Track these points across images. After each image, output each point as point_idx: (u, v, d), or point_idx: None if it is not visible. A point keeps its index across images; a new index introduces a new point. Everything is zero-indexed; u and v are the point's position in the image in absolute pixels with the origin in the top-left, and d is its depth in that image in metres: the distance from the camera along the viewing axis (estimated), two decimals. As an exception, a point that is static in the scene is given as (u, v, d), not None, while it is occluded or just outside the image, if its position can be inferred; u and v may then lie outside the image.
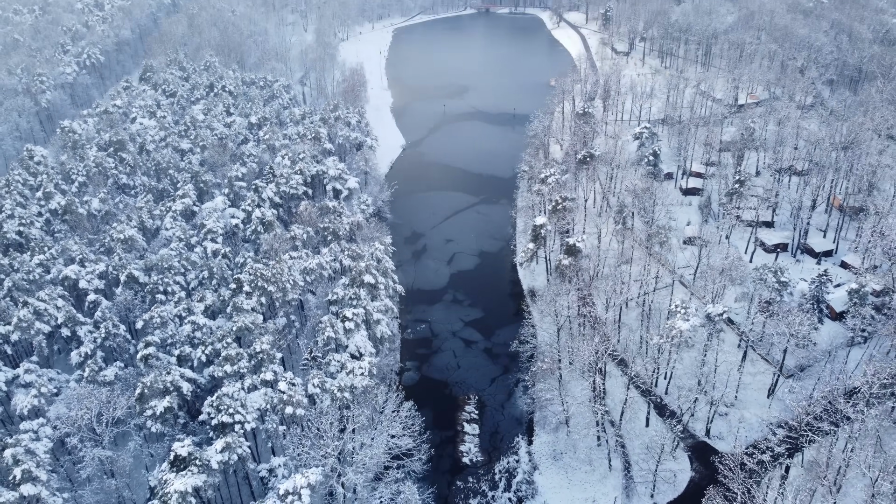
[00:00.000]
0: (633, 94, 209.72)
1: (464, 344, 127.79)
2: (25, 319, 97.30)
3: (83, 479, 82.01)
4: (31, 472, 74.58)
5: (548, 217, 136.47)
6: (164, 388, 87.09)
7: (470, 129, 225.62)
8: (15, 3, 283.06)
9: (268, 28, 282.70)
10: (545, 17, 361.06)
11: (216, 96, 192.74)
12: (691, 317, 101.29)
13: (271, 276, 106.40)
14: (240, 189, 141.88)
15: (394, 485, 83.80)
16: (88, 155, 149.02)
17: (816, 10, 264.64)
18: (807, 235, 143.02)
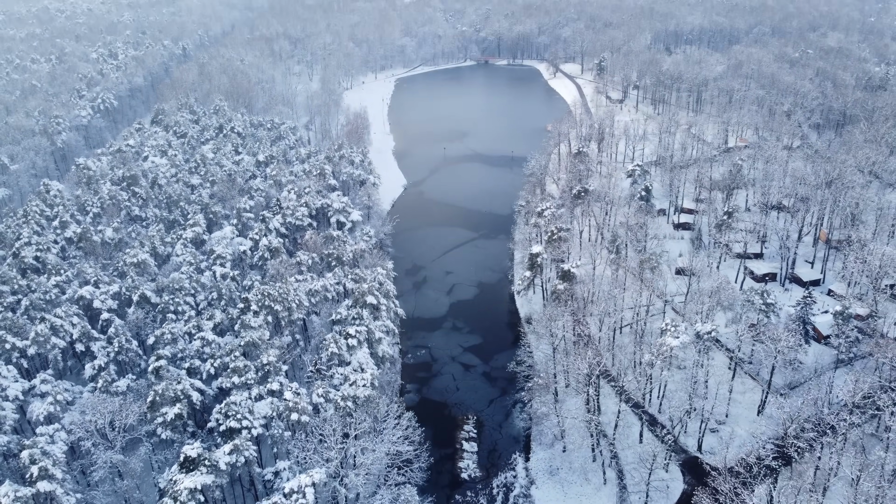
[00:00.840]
0: (627, 136, 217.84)
1: (463, 368, 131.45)
2: (42, 334, 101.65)
3: (95, 482, 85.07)
4: (47, 470, 77.86)
5: (544, 246, 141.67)
6: (174, 396, 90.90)
7: (469, 170, 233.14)
8: (33, 53, 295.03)
9: (275, 76, 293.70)
10: (542, 68, 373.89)
11: (225, 137, 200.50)
12: (681, 335, 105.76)
13: (278, 295, 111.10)
14: (248, 220, 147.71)
15: (394, 488, 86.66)
16: (102, 189, 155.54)
17: (802, 60, 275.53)
18: (794, 266, 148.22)
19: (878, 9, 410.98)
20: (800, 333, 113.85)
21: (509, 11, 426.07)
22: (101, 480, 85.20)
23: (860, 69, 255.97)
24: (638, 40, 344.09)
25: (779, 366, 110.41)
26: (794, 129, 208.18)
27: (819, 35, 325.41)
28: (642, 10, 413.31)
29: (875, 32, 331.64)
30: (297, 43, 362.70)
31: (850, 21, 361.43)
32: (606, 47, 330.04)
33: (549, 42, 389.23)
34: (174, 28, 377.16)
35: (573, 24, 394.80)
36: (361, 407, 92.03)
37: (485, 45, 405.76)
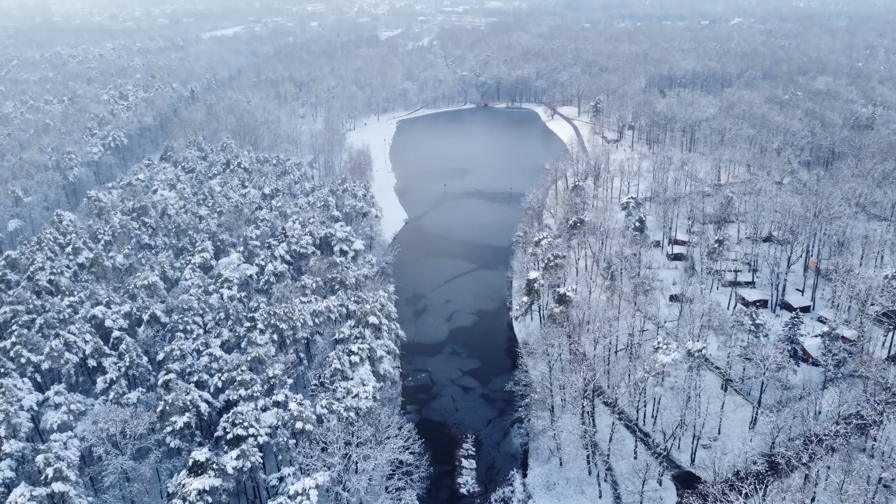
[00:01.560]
0: (622, 173, 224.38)
1: (462, 390, 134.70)
2: (57, 349, 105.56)
3: (106, 487, 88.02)
4: (61, 472, 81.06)
5: (541, 273, 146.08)
6: (183, 405, 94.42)
7: (469, 205, 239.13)
8: (46, 95, 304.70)
9: (280, 116, 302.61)
10: (540, 111, 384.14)
11: (232, 172, 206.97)
12: (672, 352, 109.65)
13: (283, 314, 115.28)
14: (254, 247, 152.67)
15: (395, 493, 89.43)
16: (113, 218, 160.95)
17: (792, 102, 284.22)
18: (785, 293, 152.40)
19: (865, 55, 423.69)
20: (788, 353, 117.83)
21: (508, 57, 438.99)
22: (111, 486, 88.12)
23: (848, 110, 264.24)
24: (633, 84, 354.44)
25: (768, 383, 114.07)
26: (784, 166, 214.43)
27: (808, 79, 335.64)
28: (637, 56, 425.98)
29: (863, 76, 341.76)
30: (302, 86, 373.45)
31: (838, 66, 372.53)
32: (602, 90, 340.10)
33: (546, 86, 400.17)
34: (183, 72, 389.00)
35: (570, 68, 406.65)
36: (363, 418, 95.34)
37: (484, 89, 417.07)
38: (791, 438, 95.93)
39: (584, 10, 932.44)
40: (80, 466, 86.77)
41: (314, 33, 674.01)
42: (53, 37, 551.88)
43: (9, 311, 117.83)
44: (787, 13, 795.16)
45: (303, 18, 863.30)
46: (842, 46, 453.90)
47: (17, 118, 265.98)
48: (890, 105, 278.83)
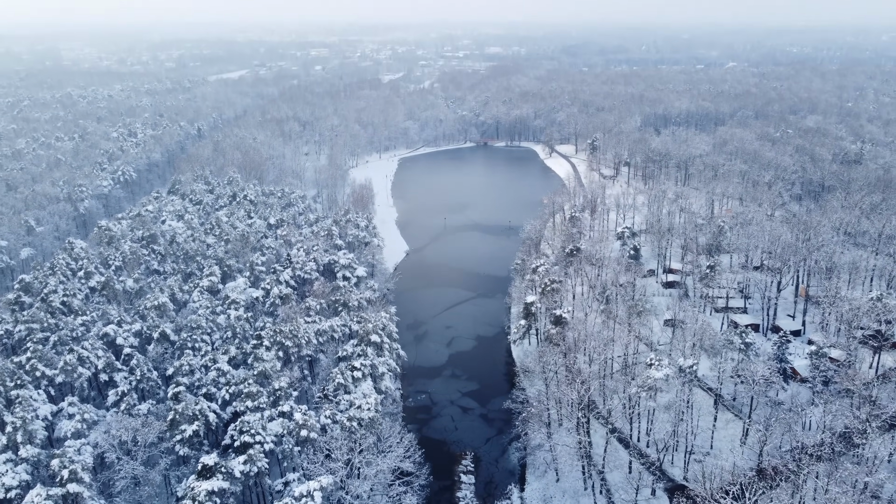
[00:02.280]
0: (618, 206, 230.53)
1: (461, 410, 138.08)
2: (70, 364, 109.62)
3: (118, 491, 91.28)
4: (76, 473, 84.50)
5: (538, 297, 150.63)
6: (192, 415, 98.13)
7: (469, 238, 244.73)
8: (57, 132, 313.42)
9: (285, 153, 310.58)
10: (538, 149, 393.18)
11: (238, 204, 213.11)
12: (664, 368, 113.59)
13: (289, 332, 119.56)
14: (259, 273, 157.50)
15: (396, 496, 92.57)
16: (123, 245, 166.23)
17: (783, 139, 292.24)
18: (776, 318, 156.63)
19: (855, 95, 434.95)
20: (777, 371, 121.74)
21: (507, 98, 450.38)
22: (122, 490, 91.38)
23: (837, 146, 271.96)
24: (628, 122, 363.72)
25: (758, 399, 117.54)
26: (775, 199, 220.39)
27: (799, 118, 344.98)
28: (632, 97, 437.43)
29: (852, 115, 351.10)
30: (306, 125, 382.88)
31: (828, 105, 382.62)
32: (599, 129, 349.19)
33: (544, 125, 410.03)
34: (190, 111, 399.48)
35: (567, 108, 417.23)
36: (366, 427, 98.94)
37: (484, 128, 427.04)
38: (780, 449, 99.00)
39: (581, 55, 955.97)
40: (93, 469, 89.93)
41: (318, 76, 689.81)
42: (63, 79, 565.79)
43: (24, 328, 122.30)
44: (781, 58, 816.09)
45: (306, 63, 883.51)
46: (832, 87, 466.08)
47: (29, 153, 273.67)
48: (878, 142, 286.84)
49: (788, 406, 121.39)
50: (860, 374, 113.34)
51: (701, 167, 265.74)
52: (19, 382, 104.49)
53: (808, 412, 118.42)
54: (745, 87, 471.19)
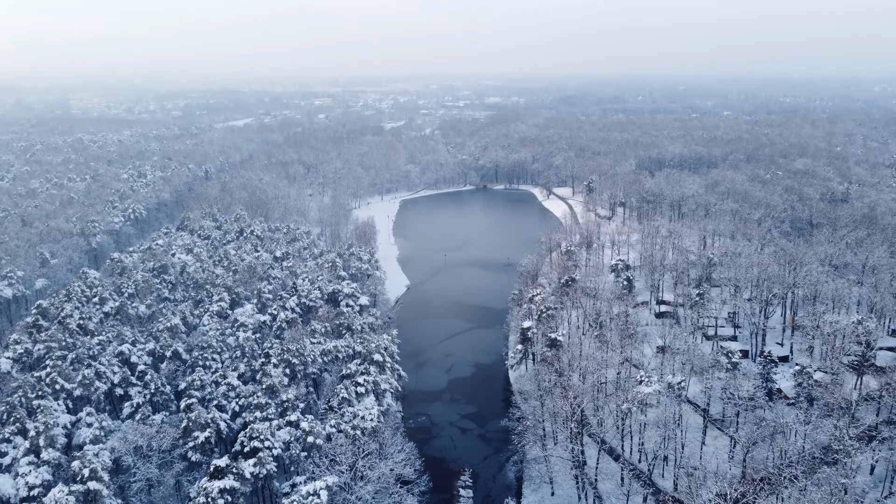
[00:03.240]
0: (613, 243, 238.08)
1: (460, 431, 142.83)
2: (88, 378, 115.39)
3: (133, 493, 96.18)
4: (96, 472, 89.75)
5: (534, 322, 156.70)
6: (205, 423, 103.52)
7: (468, 273, 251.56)
8: (69, 174, 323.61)
9: (290, 193, 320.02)
10: (536, 192, 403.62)
11: (245, 239, 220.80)
12: (654, 384, 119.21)
13: (295, 350, 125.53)
14: (267, 300, 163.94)
15: (397, 496, 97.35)
16: (136, 275, 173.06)
17: (773, 180, 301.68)
18: (765, 345, 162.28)
19: (844, 141, 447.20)
20: (762, 388, 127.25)
21: (506, 143, 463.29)
22: (138, 492, 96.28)
23: (825, 186, 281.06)
24: (623, 166, 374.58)
25: (745, 416, 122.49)
26: (765, 234, 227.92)
27: (788, 161, 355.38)
28: (627, 142, 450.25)
29: (840, 159, 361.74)
30: (310, 168, 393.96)
31: (817, 150, 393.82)
32: (595, 171, 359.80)
33: (542, 169, 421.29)
34: (197, 155, 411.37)
35: (564, 153, 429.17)
36: (368, 435, 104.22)
37: (483, 172, 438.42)
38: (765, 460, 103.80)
39: (579, 105, 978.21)
40: (110, 471, 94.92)
41: (321, 124, 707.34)
42: (74, 125, 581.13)
43: (42, 347, 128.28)
44: (774, 107, 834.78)
45: (310, 111, 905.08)
46: (822, 134, 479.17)
47: (43, 192, 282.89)
48: (865, 182, 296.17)
49: (773, 422, 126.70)
50: (842, 390, 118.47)
51: (693, 206, 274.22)
52: (40, 394, 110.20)
53: (791, 425, 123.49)
54: (737, 133, 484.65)
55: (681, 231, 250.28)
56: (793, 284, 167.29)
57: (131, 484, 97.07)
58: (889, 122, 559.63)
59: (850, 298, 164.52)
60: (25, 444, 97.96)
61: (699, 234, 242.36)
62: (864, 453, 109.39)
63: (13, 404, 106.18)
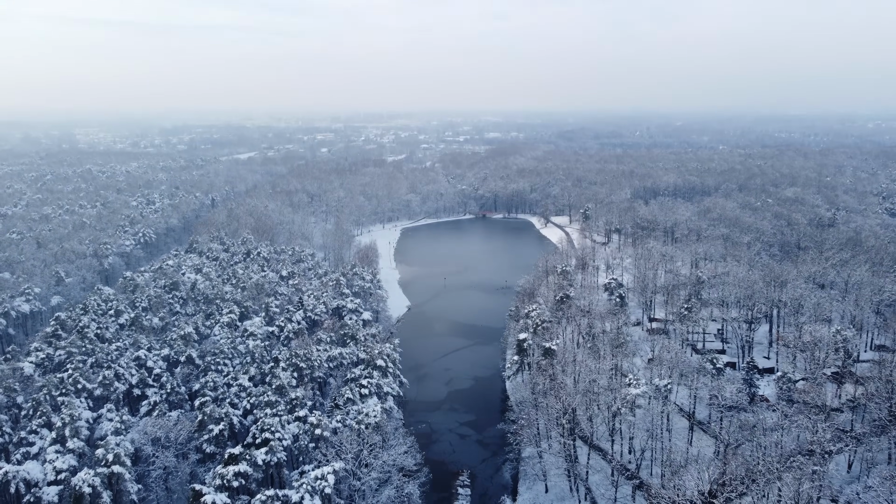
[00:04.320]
0: (607, 266, 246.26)
1: (459, 437, 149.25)
2: (108, 378, 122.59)
3: (151, 480, 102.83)
4: (119, 457, 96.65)
5: (530, 334, 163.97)
6: (218, 417, 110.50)
7: (467, 295, 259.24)
8: (81, 201, 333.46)
9: (294, 219, 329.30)
10: (534, 220, 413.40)
11: (252, 260, 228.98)
12: (641, 385, 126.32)
13: (303, 355, 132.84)
14: (274, 314, 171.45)
15: (399, 483, 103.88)
16: (148, 291, 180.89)
17: (763, 207, 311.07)
18: (752, 357, 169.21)
19: (833, 171, 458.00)
20: (745, 392, 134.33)
21: (504, 174, 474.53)
22: (156, 479, 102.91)
23: (813, 213, 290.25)
24: (619, 195, 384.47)
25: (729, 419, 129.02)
26: (754, 256, 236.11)
27: (779, 189, 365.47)
28: (623, 173, 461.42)
29: (829, 188, 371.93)
30: (314, 197, 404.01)
31: (807, 180, 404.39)
32: (591, 200, 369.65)
33: (540, 198, 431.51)
34: (204, 184, 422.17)
35: (561, 183, 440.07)
36: (372, 429, 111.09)
37: (482, 202, 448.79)
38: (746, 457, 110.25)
39: (577, 140, 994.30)
40: (131, 458, 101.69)
41: (324, 157, 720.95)
42: (82, 158, 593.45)
43: (63, 353, 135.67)
44: (768, 141, 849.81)
45: (313, 146, 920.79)
46: (813, 165, 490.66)
47: (55, 218, 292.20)
48: (852, 209, 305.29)
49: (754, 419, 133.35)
50: (821, 391, 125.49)
51: (685, 231, 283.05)
52: (63, 392, 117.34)
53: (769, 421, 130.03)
54: (730, 164, 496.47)
55: (673, 254, 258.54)
56: (777, 300, 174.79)
57: (150, 472, 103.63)
58: (879, 154, 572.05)
59: (831, 311, 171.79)
60: (52, 434, 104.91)
61: (691, 257, 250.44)
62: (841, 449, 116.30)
63: (39, 400, 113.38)
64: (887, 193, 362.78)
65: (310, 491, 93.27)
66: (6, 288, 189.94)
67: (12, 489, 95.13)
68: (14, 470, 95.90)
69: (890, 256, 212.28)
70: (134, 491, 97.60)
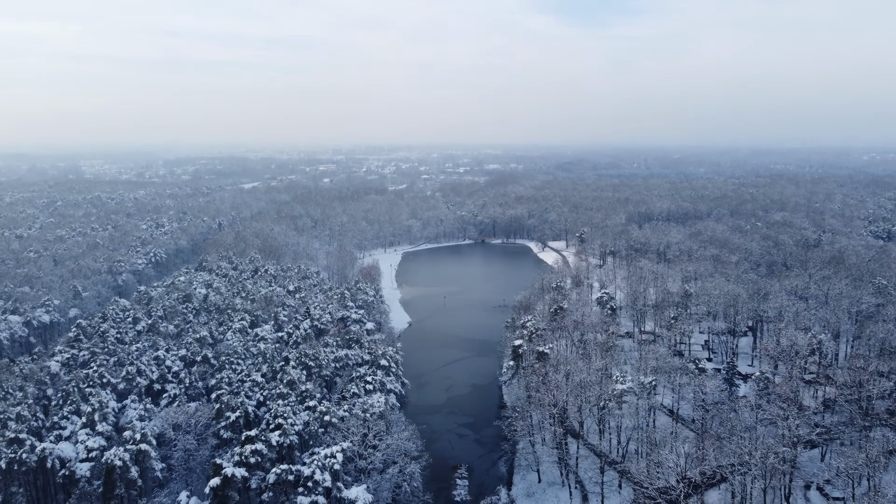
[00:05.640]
0: (601, 284, 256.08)
1: (458, 436, 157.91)
2: (131, 373, 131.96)
3: (173, 461, 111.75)
4: (146, 436, 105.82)
5: (525, 341, 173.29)
6: (234, 405, 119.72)
7: (466, 312, 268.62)
8: (92, 224, 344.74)
9: (299, 241, 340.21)
10: (532, 245, 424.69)
11: (260, 276, 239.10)
12: (627, 381, 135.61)
13: (311, 354, 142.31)
14: (283, 322, 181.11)
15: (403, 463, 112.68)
16: (163, 301, 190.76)
17: (752, 230, 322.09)
18: (737, 364, 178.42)
19: (823, 198, 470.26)
20: (726, 389, 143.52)
21: (503, 201, 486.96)
22: (178, 460, 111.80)
23: (799, 234, 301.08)
24: (614, 219, 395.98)
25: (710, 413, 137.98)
26: (741, 274, 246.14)
27: (768, 214, 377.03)
28: (619, 200, 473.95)
29: (817, 213, 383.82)
30: (318, 222, 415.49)
31: (797, 205, 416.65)
32: (587, 224, 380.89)
33: (537, 224, 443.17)
34: (211, 209, 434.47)
35: (559, 209, 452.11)
36: (377, 417, 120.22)
37: (481, 227, 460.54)
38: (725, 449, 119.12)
39: (575, 171, 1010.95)
40: (156, 438, 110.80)
41: (326, 187, 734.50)
42: (90, 186, 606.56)
43: (87, 353, 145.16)
44: (763, 172, 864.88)
45: (315, 176, 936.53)
46: (804, 192, 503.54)
47: (69, 239, 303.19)
48: (837, 231, 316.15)
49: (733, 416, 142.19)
50: (792, 384, 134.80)
51: (677, 252, 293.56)
52: (90, 384, 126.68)
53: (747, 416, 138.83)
54: (722, 191, 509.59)
55: (664, 273, 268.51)
56: (759, 309, 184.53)
57: (172, 454, 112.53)
58: (870, 183, 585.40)
59: (810, 320, 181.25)
60: (82, 419, 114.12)
61: (681, 275, 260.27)
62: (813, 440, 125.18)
63: (68, 391, 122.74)
64: (873, 218, 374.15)
65: (320, 467, 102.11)
66: (27, 300, 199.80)
67: (48, 464, 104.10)
68: (50, 447, 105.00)
69: (870, 272, 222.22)
70: (159, 469, 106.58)
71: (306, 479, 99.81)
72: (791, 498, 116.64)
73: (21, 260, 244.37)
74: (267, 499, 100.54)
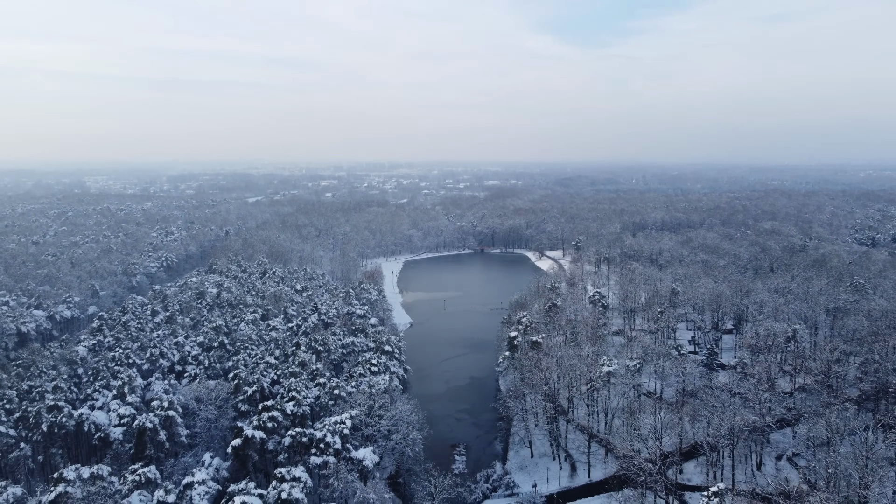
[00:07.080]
0: (594, 285, 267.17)
1: (456, 420, 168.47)
2: (154, 355, 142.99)
3: (197, 429, 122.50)
4: (173, 404, 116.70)
5: (520, 333, 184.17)
6: (251, 381, 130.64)
7: (465, 315, 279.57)
8: (104, 231, 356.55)
9: (304, 248, 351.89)
10: (530, 254, 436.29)
11: (268, 278, 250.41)
12: (614, 364, 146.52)
13: (321, 339, 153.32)
14: (292, 315, 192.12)
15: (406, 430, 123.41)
16: (180, 296, 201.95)
17: (741, 237, 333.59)
18: (722, 356, 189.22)
19: (813, 209, 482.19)
20: (705, 374, 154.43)
21: (502, 213, 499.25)
22: (200, 427, 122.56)
23: (786, 241, 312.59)
24: (609, 228, 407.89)
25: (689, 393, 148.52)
26: (729, 276, 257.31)
27: (758, 223, 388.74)
28: (614, 211, 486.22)
29: (806, 222, 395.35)
30: (322, 231, 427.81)
31: (787, 215, 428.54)
32: (583, 233, 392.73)
33: (535, 234, 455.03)
34: (218, 219, 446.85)
35: (556, 220, 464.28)
36: (383, 391, 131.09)
37: (481, 237, 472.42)
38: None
39: (573, 186, 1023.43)
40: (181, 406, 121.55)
41: (328, 201, 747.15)
42: (98, 199, 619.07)
43: (112, 338, 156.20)
44: (759, 188, 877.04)
45: (318, 191, 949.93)
46: (795, 204, 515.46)
47: (83, 245, 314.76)
48: (823, 238, 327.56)
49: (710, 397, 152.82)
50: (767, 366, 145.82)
51: (669, 258, 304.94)
52: (118, 363, 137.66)
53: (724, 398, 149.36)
54: (716, 203, 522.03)
55: (655, 276, 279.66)
56: (741, 303, 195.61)
57: (196, 422, 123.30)
58: (860, 196, 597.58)
59: (788, 314, 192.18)
60: (112, 392, 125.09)
61: (671, 278, 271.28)
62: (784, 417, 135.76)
63: (98, 369, 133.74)
64: (860, 227, 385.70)
65: (331, 431, 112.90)
66: (49, 297, 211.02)
67: (85, 428, 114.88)
68: (87, 413, 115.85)
69: (850, 273, 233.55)
70: (184, 434, 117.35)
71: (318, 441, 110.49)
72: (763, 467, 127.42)
73: (40, 262, 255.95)
74: (283, 459, 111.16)
